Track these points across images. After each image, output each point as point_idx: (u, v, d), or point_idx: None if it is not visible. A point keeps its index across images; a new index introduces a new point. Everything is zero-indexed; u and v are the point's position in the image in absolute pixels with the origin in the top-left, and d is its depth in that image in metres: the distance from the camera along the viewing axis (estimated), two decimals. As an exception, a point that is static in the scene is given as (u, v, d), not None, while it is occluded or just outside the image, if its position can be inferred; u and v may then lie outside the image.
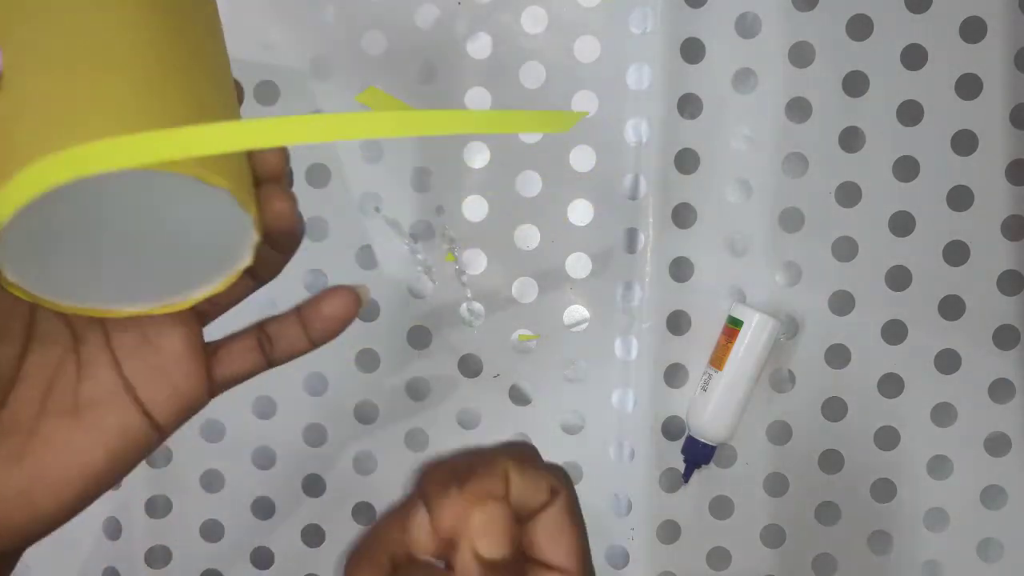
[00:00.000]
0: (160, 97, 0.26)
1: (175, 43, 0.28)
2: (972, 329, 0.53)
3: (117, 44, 0.26)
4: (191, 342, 0.30)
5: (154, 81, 0.26)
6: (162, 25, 0.28)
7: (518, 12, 0.53)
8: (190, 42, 0.28)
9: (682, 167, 0.53)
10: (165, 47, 0.27)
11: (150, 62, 0.27)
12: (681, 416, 0.55)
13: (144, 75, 0.26)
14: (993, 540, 0.55)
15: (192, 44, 0.28)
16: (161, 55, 0.27)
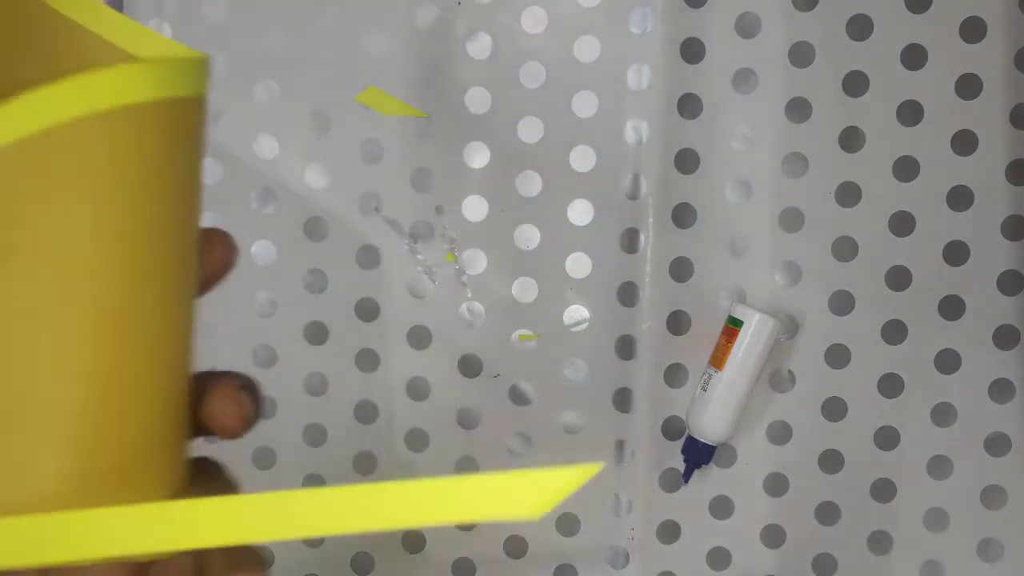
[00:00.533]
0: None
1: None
2: (972, 329, 0.53)
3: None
4: None
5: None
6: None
7: (518, 12, 0.53)
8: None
9: (682, 167, 0.53)
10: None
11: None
12: (681, 416, 0.55)
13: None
14: (993, 540, 0.55)
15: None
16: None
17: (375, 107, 0.54)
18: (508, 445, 0.55)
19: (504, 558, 0.56)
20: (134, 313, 0.23)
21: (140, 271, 0.22)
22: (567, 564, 0.56)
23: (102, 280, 0.22)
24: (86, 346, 0.22)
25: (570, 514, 0.56)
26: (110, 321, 0.22)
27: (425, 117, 0.54)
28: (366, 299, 0.55)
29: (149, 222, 0.22)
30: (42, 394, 0.22)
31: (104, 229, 0.22)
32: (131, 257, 0.22)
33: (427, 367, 0.55)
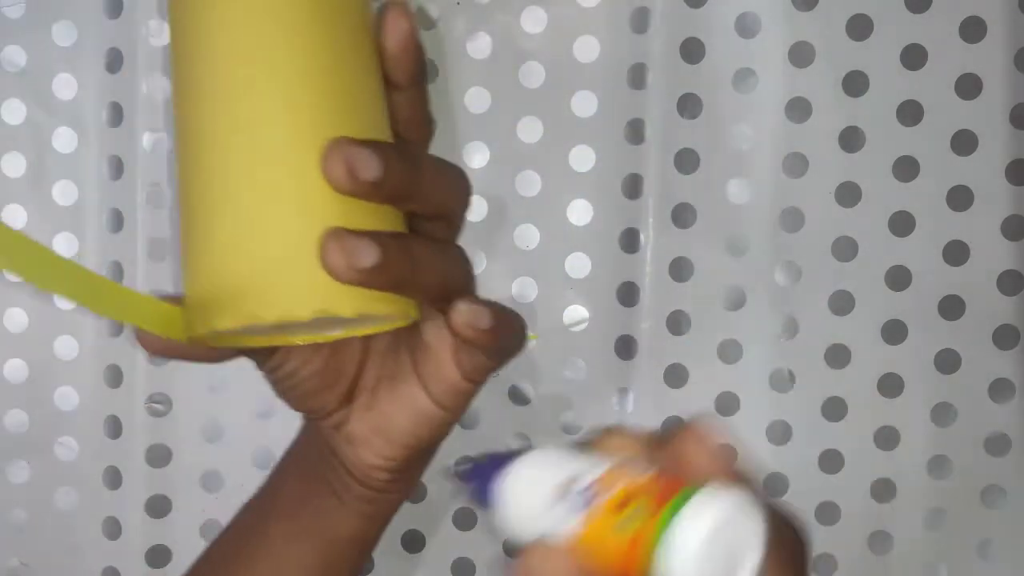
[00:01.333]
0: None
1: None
2: (972, 329, 0.53)
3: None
4: (448, 338, 0.35)
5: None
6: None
7: (518, 12, 0.53)
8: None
9: (682, 167, 0.53)
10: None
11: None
12: (681, 417, 0.55)
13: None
14: (993, 540, 0.55)
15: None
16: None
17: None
18: (508, 445, 0.55)
19: (504, 558, 0.56)
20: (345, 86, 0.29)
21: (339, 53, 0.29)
22: (567, 564, 0.56)
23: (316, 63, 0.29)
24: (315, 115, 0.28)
25: (570, 514, 0.56)
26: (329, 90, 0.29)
27: (425, 117, 0.54)
28: (366, 299, 0.55)
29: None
30: (289, 163, 0.28)
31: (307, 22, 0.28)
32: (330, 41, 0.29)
33: (427, 367, 0.55)
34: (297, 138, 0.28)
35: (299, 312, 0.28)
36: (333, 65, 0.29)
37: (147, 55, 0.53)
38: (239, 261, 0.28)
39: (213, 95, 0.29)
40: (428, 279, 0.31)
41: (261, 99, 0.28)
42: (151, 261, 0.54)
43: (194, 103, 0.30)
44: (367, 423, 0.36)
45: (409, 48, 0.31)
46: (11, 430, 0.55)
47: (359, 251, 0.28)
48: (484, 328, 0.32)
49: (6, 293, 0.55)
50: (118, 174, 0.54)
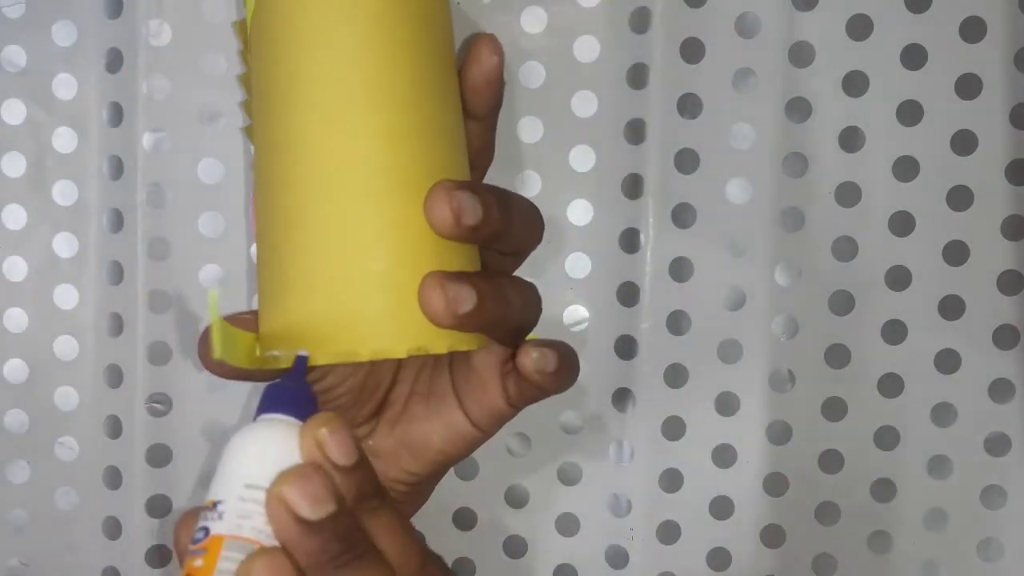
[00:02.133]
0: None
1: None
2: (972, 329, 0.53)
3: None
4: (495, 365, 0.36)
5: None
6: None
7: (517, 12, 0.53)
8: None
9: (682, 167, 0.53)
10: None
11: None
12: (681, 416, 0.55)
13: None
14: (993, 540, 0.55)
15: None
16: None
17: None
18: (508, 445, 0.55)
19: (504, 558, 0.56)
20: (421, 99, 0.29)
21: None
22: (567, 564, 0.56)
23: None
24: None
25: (570, 514, 0.56)
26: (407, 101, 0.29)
27: (425, 117, 0.54)
28: (366, 299, 0.55)
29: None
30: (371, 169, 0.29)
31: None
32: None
33: (427, 367, 0.55)
34: (396, 177, 0.28)
35: (395, 350, 0.29)
36: (429, 102, 0.29)
37: (147, 55, 0.53)
38: (334, 298, 0.29)
39: (308, 133, 0.29)
40: (513, 320, 0.32)
41: (360, 138, 0.28)
42: (151, 261, 0.54)
43: (287, 142, 0.29)
44: (393, 438, 0.36)
45: (494, 82, 0.32)
46: (11, 430, 0.56)
47: (459, 297, 0.29)
48: (550, 371, 0.33)
49: (6, 293, 0.55)
50: (118, 174, 0.54)
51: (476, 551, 0.56)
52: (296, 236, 0.29)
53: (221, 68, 0.54)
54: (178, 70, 0.54)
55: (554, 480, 0.55)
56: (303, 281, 0.29)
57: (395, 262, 0.28)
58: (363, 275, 0.29)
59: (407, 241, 0.29)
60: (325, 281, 0.29)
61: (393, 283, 0.28)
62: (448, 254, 0.29)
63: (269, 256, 0.30)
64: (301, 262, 0.29)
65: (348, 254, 0.29)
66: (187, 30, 0.54)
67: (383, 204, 0.28)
